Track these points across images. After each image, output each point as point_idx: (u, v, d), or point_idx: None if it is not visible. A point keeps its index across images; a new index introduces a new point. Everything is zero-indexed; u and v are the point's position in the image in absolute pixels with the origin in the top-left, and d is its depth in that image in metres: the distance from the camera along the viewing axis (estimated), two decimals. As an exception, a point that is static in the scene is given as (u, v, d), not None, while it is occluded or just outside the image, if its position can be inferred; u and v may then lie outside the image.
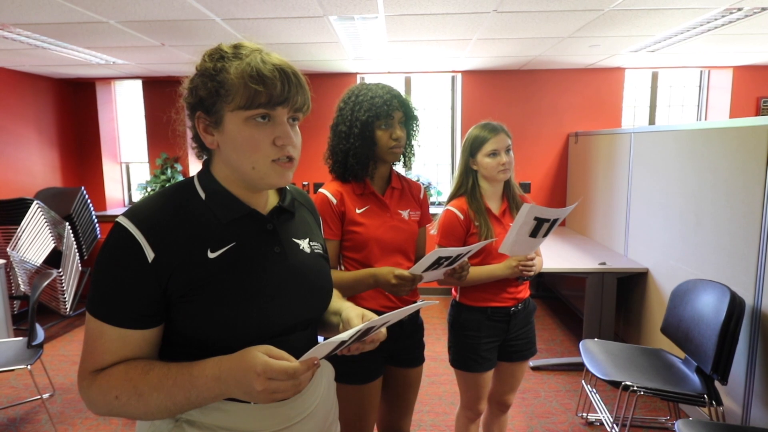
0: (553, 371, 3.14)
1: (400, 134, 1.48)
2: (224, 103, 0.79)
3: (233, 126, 0.80)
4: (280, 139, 0.80)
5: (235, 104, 0.78)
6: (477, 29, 2.94)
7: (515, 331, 1.78)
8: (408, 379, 1.62)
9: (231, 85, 0.78)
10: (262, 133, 0.80)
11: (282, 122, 0.81)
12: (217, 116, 0.81)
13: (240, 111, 0.79)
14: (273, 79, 0.77)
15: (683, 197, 2.63)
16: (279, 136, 0.80)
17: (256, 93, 0.77)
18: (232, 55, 0.80)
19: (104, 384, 0.76)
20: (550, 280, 4.48)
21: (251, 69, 0.77)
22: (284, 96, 0.79)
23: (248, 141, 0.79)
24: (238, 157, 0.81)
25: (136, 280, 0.76)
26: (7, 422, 2.62)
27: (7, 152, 4.02)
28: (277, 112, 0.80)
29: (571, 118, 4.51)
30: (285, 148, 0.81)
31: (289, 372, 0.71)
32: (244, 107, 0.78)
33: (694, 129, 2.57)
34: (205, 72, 0.80)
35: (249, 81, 0.77)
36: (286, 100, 0.79)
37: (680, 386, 2.05)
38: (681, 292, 2.34)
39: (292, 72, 0.80)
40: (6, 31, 2.76)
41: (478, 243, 1.43)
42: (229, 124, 0.80)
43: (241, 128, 0.79)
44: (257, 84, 0.77)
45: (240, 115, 0.79)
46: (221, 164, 0.86)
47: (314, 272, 0.94)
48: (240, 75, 0.77)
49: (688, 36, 3.18)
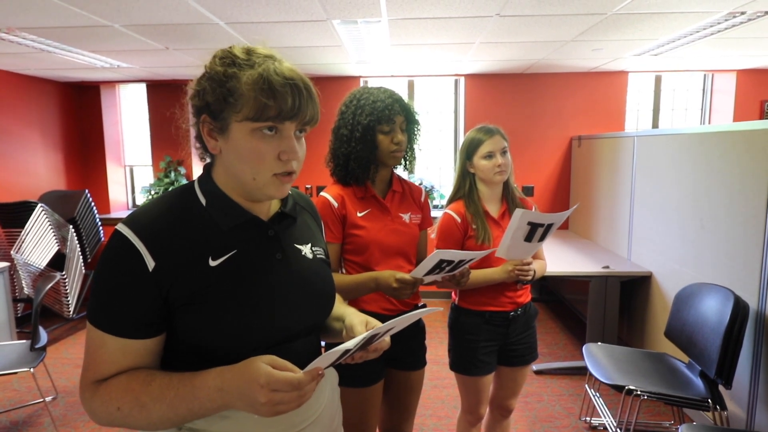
0: (557, 375, 3.13)
1: (402, 138, 1.49)
2: (232, 111, 0.77)
3: (239, 135, 0.78)
4: (285, 154, 0.79)
5: (243, 115, 0.76)
6: (480, 33, 2.95)
7: (515, 336, 1.77)
8: (409, 382, 1.61)
9: (241, 95, 0.76)
10: (267, 145, 0.78)
11: (288, 136, 0.79)
12: (223, 123, 0.78)
13: (248, 122, 0.76)
14: (284, 93, 0.75)
15: (687, 201, 2.62)
16: (284, 150, 0.78)
17: (266, 106, 0.75)
18: (244, 61, 0.78)
19: (106, 395, 0.75)
20: (553, 284, 4.46)
21: (263, 81, 0.75)
22: (294, 111, 0.77)
23: (253, 152, 0.77)
24: (241, 166, 0.79)
25: (137, 289, 0.75)
26: (10, 425, 2.63)
27: (12, 155, 4.05)
28: (285, 125, 0.78)
29: (574, 121, 4.51)
30: (289, 162, 0.80)
31: (294, 383, 0.69)
32: (253, 119, 0.76)
33: (697, 132, 2.56)
34: (215, 76, 0.78)
35: (260, 94, 0.75)
36: (296, 116, 0.78)
37: (684, 390, 2.04)
38: (684, 296, 2.33)
39: (304, 86, 0.78)
40: (12, 35, 2.78)
41: (481, 251, 1.43)
42: (234, 132, 0.78)
43: (247, 139, 0.77)
44: (268, 98, 0.75)
45: (247, 126, 0.77)
46: (222, 170, 0.85)
47: (317, 278, 0.93)
48: (251, 86, 0.75)
49: (691, 40, 3.17)
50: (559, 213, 1.53)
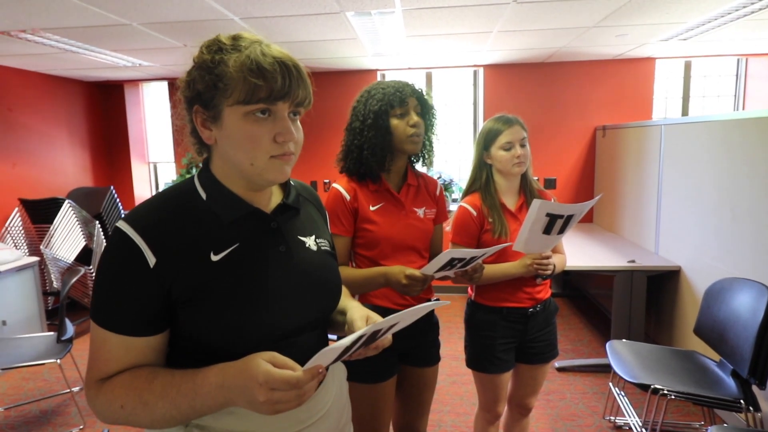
0: (580, 372, 3.05)
1: (418, 119, 1.42)
2: (223, 97, 0.76)
3: (232, 121, 0.77)
4: (281, 135, 0.77)
5: (234, 99, 0.75)
6: (497, 21, 2.87)
7: (534, 333, 1.72)
8: (423, 379, 1.58)
9: (230, 79, 0.75)
10: (262, 128, 0.76)
11: (283, 117, 0.77)
12: (215, 111, 0.77)
13: (239, 106, 0.75)
14: (273, 72, 0.74)
15: (718, 191, 2.50)
16: (280, 132, 0.77)
17: (255, 87, 0.74)
18: (231, 47, 0.77)
19: (109, 393, 0.75)
20: (576, 279, 4.35)
21: (251, 62, 0.74)
22: (285, 90, 0.75)
23: (247, 137, 0.76)
24: (237, 153, 0.78)
25: (138, 287, 0.75)
26: (40, 414, 2.72)
27: (41, 153, 4.17)
28: (277, 107, 0.77)
29: (598, 111, 4.37)
30: (285, 144, 0.78)
31: (292, 382, 0.67)
32: (244, 102, 0.75)
33: (729, 119, 2.44)
34: (203, 65, 0.77)
35: (248, 75, 0.73)
36: (287, 95, 0.76)
37: (715, 390, 1.95)
38: (715, 291, 2.23)
39: (293, 65, 0.77)
40: (37, 36, 2.85)
41: (493, 247, 1.37)
42: (227, 119, 0.77)
43: (240, 123, 0.76)
44: (257, 78, 0.74)
45: (239, 110, 0.76)
46: (220, 161, 0.84)
47: (321, 270, 0.91)
48: (239, 68, 0.74)
49: (722, 22, 3.01)
50: (577, 204, 1.46)
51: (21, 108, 3.98)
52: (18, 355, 2.51)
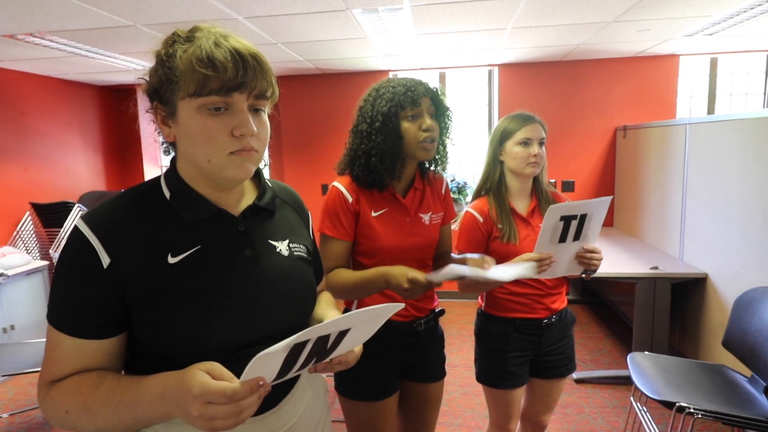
0: (599, 384, 2.90)
1: (431, 123, 1.29)
2: (176, 90, 0.72)
3: (186, 115, 0.73)
4: (239, 129, 0.72)
5: (185, 91, 0.71)
6: (510, 17, 2.76)
7: (549, 346, 1.60)
8: (426, 395, 1.47)
9: (181, 71, 0.71)
10: (218, 123, 0.72)
11: (240, 110, 0.72)
12: (171, 107, 0.74)
13: (191, 99, 0.71)
14: (224, 62, 0.70)
15: (747, 193, 2.34)
16: (237, 125, 0.72)
17: (205, 78, 0.70)
18: (185, 38, 0.74)
19: (56, 397, 0.72)
20: (596, 284, 4.18)
21: (201, 52, 0.70)
22: (238, 80, 0.71)
23: (202, 131, 0.72)
24: (194, 150, 0.74)
25: (91, 288, 0.71)
26: (44, 420, 2.68)
27: (54, 157, 4.19)
28: (233, 99, 0.72)
29: (619, 111, 4.20)
30: (244, 138, 0.73)
31: (228, 394, 0.60)
32: (194, 94, 0.71)
33: (758, 117, 2.28)
34: (158, 58, 0.74)
35: (197, 65, 0.70)
36: (242, 85, 0.71)
37: (746, 409, 1.80)
38: (746, 302, 2.07)
39: (251, 54, 0.72)
40: (42, 39, 2.85)
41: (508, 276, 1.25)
42: (182, 113, 0.73)
43: (194, 117, 0.72)
44: (206, 68, 0.69)
45: (192, 104, 0.72)
46: (183, 160, 0.79)
47: (291, 277, 0.84)
48: (188, 59, 0.70)
49: (751, 15, 2.84)
50: (589, 200, 1.31)
51: (33, 112, 4.00)
52: (25, 360, 2.48)
